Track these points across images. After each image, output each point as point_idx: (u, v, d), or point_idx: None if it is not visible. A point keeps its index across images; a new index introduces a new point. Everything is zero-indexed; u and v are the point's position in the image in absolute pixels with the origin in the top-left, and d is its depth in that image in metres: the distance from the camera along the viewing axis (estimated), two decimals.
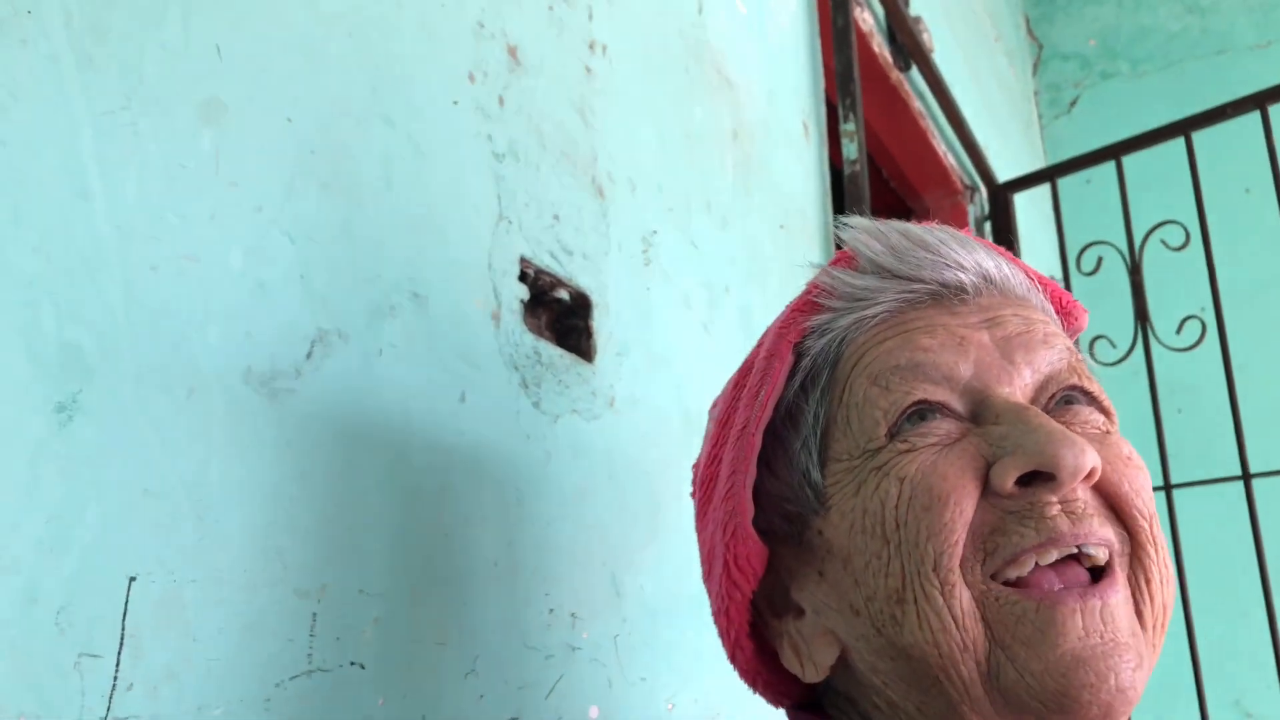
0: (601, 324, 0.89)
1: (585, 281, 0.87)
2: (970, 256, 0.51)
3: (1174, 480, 1.83)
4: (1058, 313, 0.55)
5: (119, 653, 0.48)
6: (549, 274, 0.84)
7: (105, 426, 0.50)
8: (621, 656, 0.83)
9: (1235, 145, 1.99)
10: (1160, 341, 1.86)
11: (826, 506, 0.49)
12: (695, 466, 0.60)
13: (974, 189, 2.14)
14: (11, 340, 0.47)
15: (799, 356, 0.52)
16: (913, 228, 0.53)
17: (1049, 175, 1.97)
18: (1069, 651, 0.43)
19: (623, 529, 0.87)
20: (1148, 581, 0.46)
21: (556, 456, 0.81)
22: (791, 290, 1.25)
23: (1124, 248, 1.89)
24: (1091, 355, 1.94)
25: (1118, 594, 0.44)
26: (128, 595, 0.49)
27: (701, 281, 1.06)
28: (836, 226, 0.54)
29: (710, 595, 0.56)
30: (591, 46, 0.93)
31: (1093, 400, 0.50)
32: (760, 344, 0.57)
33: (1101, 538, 0.45)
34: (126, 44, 0.53)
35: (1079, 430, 0.48)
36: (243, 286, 0.57)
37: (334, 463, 0.61)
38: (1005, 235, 2.01)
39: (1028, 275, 0.54)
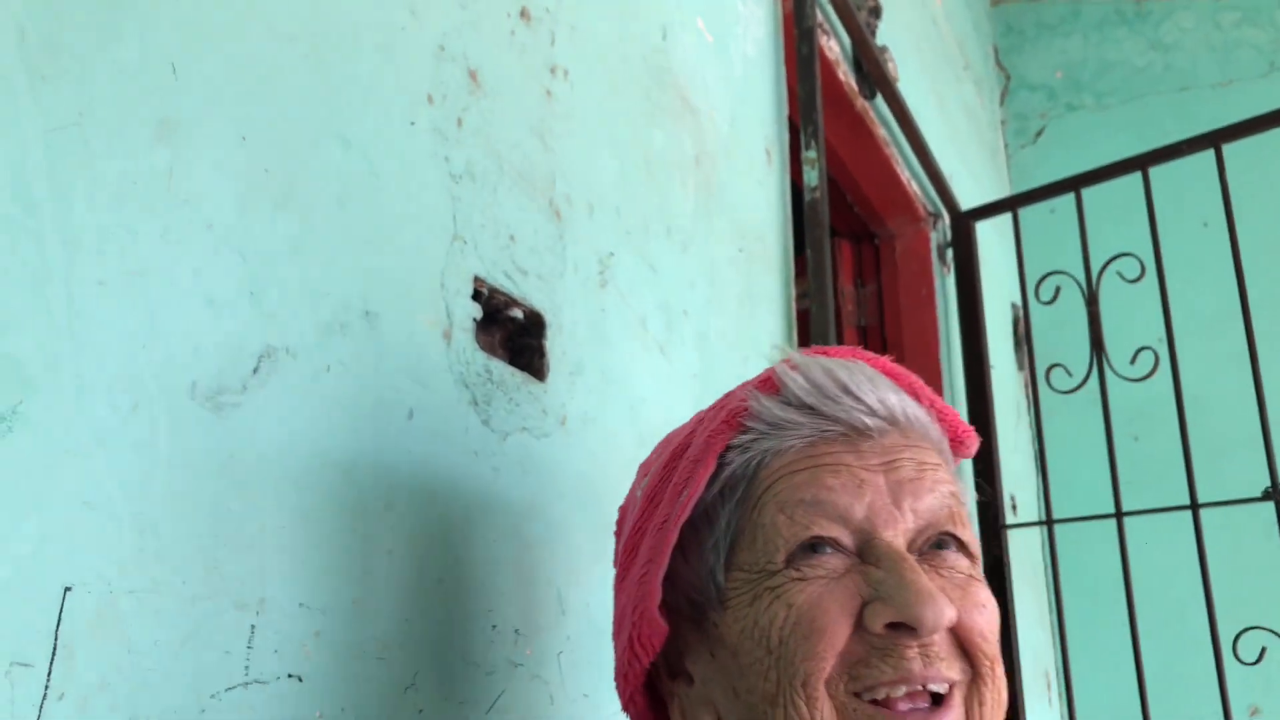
0: (555, 343, 0.90)
1: (539, 301, 0.89)
2: (882, 401, 0.59)
3: (1125, 507, 1.87)
4: (952, 441, 0.64)
5: (50, 662, 0.49)
6: (503, 293, 0.85)
7: (46, 438, 0.50)
8: (565, 673, 0.84)
9: (1193, 180, 2.04)
10: (1115, 371, 1.90)
11: (725, 606, 0.58)
12: (617, 534, 0.68)
13: (937, 216, 2.17)
14: None
15: (720, 466, 0.60)
16: (836, 366, 0.60)
17: (1010, 205, 2.01)
18: None
19: (570, 547, 0.88)
20: (981, 705, 0.55)
21: (504, 473, 0.82)
22: (751, 315, 1.27)
23: (1081, 278, 1.93)
24: (1048, 383, 1.98)
25: (952, 716, 0.54)
26: (62, 605, 0.50)
27: (659, 304, 1.08)
28: (769, 355, 0.61)
29: (615, 654, 0.64)
30: (553, 70, 0.94)
31: (962, 546, 0.58)
32: (692, 434, 0.64)
33: (945, 677, 0.54)
34: (80, 61, 0.54)
35: (945, 575, 0.56)
36: (191, 302, 0.58)
37: (278, 477, 0.62)
38: (966, 262, 2.04)
39: (928, 408, 0.62)
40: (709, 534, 0.60)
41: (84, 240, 0.53)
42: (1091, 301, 1.93)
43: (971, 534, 0.59)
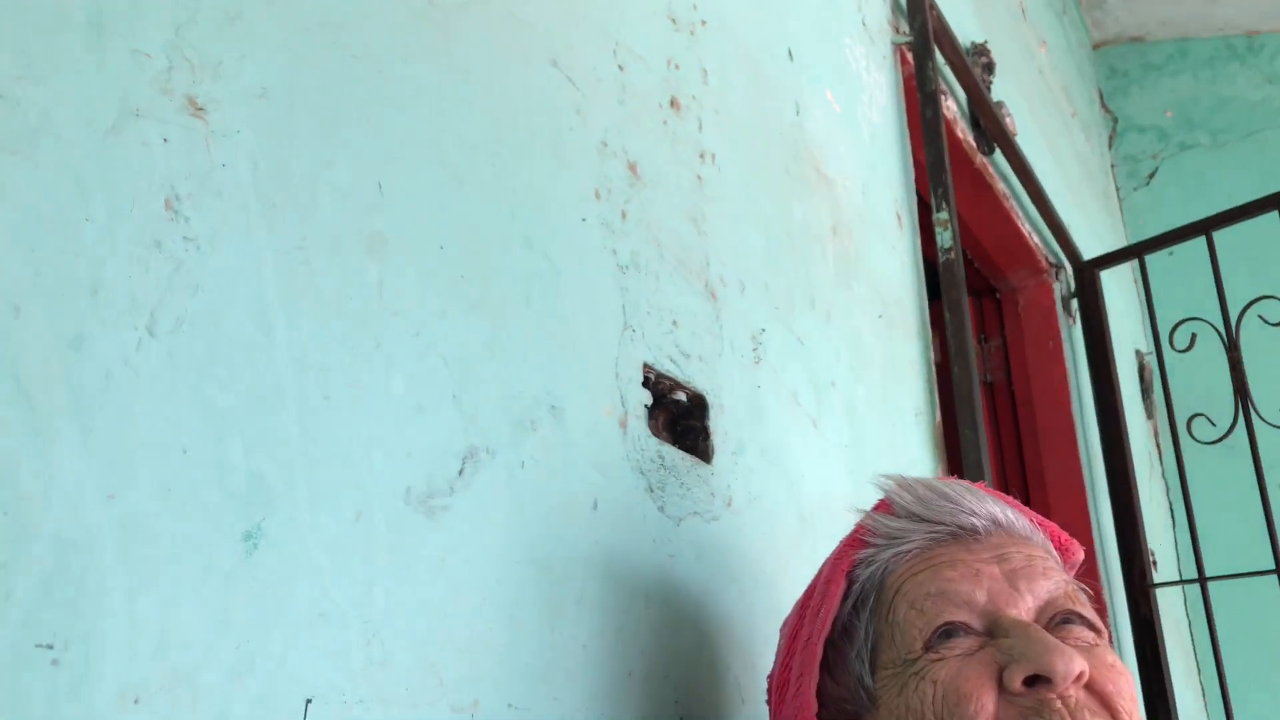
0: (717, 424, 0.90)
1: (701, 383, 0.89)
2: (982, 505, 0.65)
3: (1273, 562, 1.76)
4: (1056, 549, 0.68)
5: None
6: (669, 378, 0.85)
7: (285, 552, 0.52)
8: None
9: None
10: (1263, 418, 1.81)
11: (876, 705, 0.61)
12: (770, 676, 0.72)
13: (1059, 267, 2.12)
14: (206, 472, 0.49)
15: (850, 582, 0.65)
16: (936, 482, 0.67)
17: (1137, 252, 1.95)
18: None
19: (744, 631, 0.87)
20: None
21: (680, 559, 0.82)
22: (893, 381, 1.25)
23: (1219, 323, 1.85)
24: (1189, 433, 1.89)
25: None
26: (304, 718, 0.51)
27: (808, 377, 1.07)
28: (876, 483, 0.69)
29: None
30: (702, 156, 0.96)
31: (1084, 620, 0.61)
32: (820, 572, 0.69)
33: None
34: (303, 187, 0.57)
35: (1072, 644, 0.59)
36: (403, 409, 0.60)
37: (484, 577, 0.63)
38: (1093, 312, 1.99)
39: (1029, 519, 0.67)
40: (850, 648, 0.64)
41: (310, 357, 0.56)
42: (1233, 348, 1.85)
43: (1093, 613, 0.62)
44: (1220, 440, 1.86)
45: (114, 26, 0.48)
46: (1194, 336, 1.88)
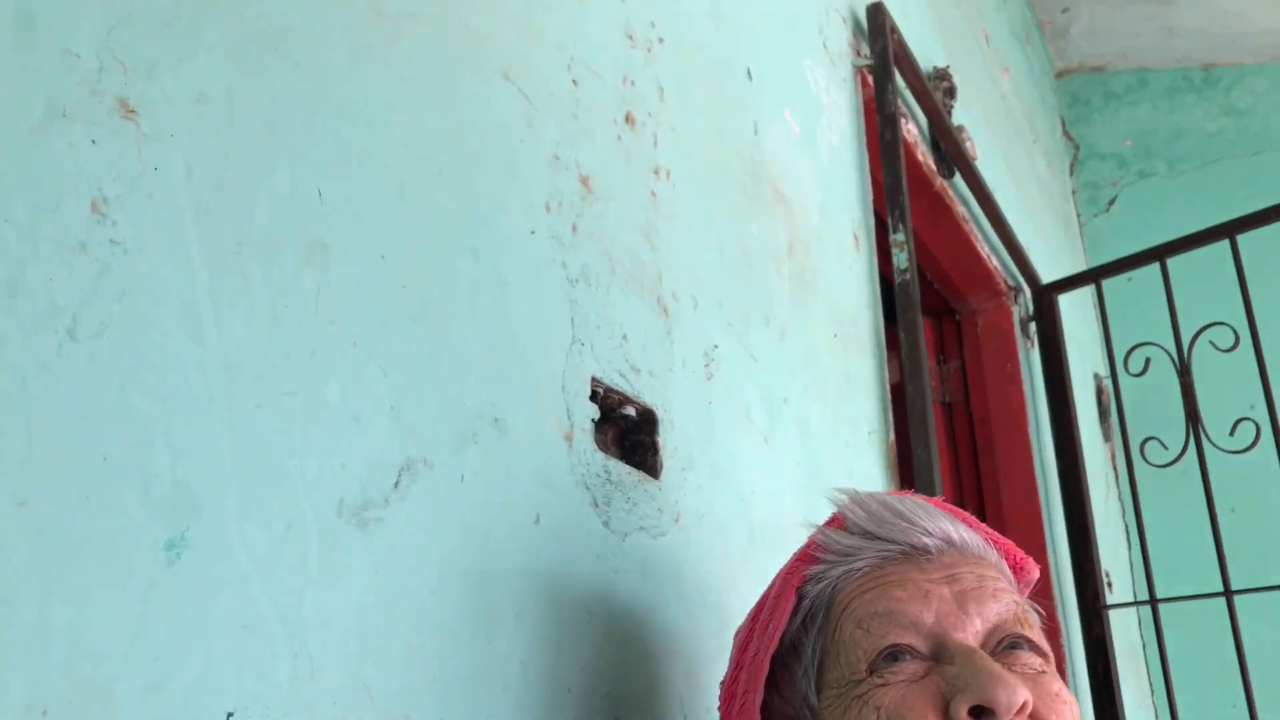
0: (667, 439, 0.90)
1: (651, 398, 0.89)
2: (935, 524, 0.64)
3: (1234, 586, 1.78)
4: (1011, 567, 0.68)
5: None
6: (617, 392, 0.85)
7: (210, 563, 0.51)
8: None
9: (1278, 243, 1.99)
10: (1213, 443, 1.84)
11: None
12: (722, 684, 0.71)
13: (1018, 290, 2.15)
14: (128, 480, 0.48)
15: (800, 598, 0.65)
16: (890, 499, 0.66)
17: (1094, 276, 1.98)
18: None
19: (689, 648, 0.86)
20: None
21: (625, 575, 0.81)
22: (848, 399, 1.26)
23: (1172, 349, 1.88)
24: (1143, 456, 1.92)
25: None
26: None
27: (761, 394, 1.07)
28: (829, 497, 0.68)
29: None
30: (656, 171, 0.96)
31: (1032, 645, 0.61)
32: (771, 585, 0.69)
33: None
34: (240, 193, 0.56)
35: (1019, 670, 0.59)
36: (339, 420, 0.59)
37: (419, 591, 0.62)
38: (1051, 336, 2.01)
39: (984, 536, 0.67)
40: (798, 665, 0.64)
41: (242, 365, 0.55)
42: (1184, 372, 1.88)
43: (1041, 637, 0.62)
44: (1172, 464, 1.89)
45: (43, 25, 0.47)
46: (1148, 361, 1.91)
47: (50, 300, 0.46)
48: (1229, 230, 1.85)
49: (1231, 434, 1.82)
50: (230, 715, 0.51)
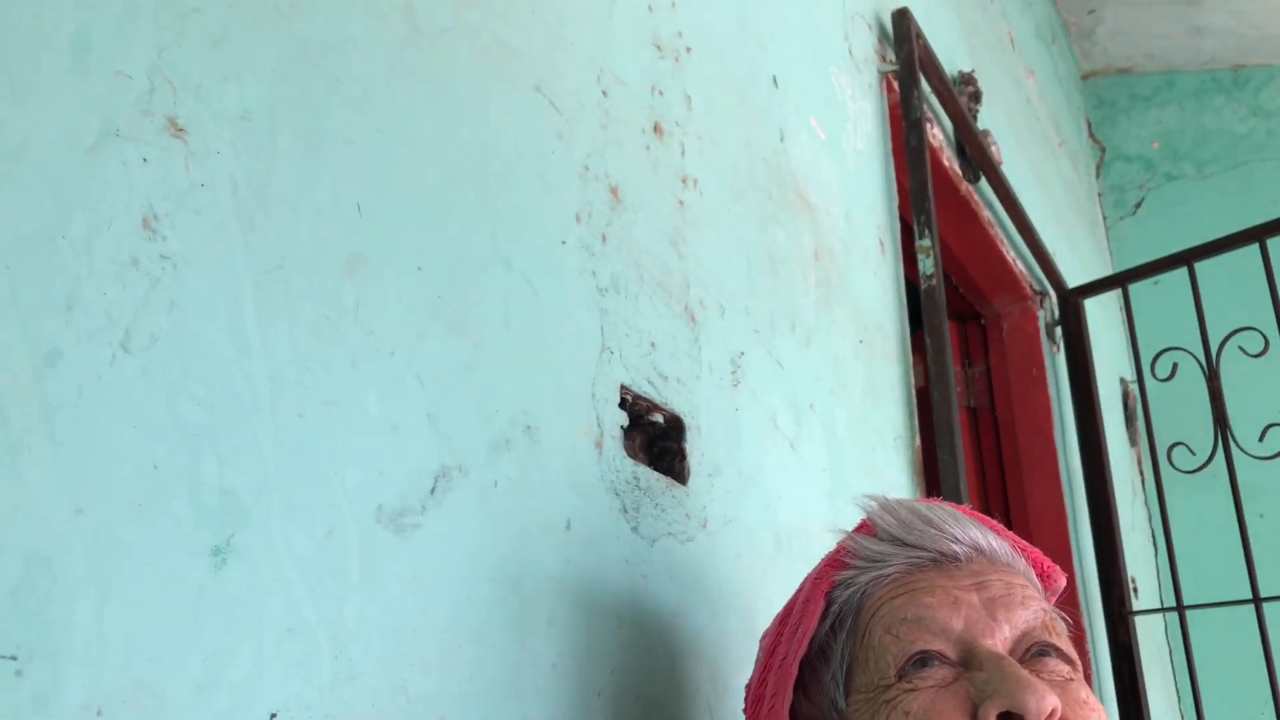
0: (694, 445, 0.91)
1: (679, 405, 0.90)
2: (964, 531, 0.64)
3: (1262, 594, 1.77)
4: (1038, 575, 0.68)
5: None
6: (645, 399, 0.86)
7: (255, 567, 0.52)
8: None
9: None
10: (1241, 449, 1.83)
11: None
12: (748, 686, 0.72)
13: (1044, 294, 2.14)
14: (177, 487, 0.50)
15: (829, 603, 0.66)
16: (920, 506, 0.66)
17: (1120, 281, 1.97)
18: None
19: (716, 653, 0.87)
20: None
21: (653, 580, 0.82)
22: (873, 405, 1.27)
23: (1199, 353, 1.87)
24: (1170, 462, 1.91)
25: None
26: None
27: (787, 400, 1.08)
28: (858, 503, 0.68)
29: None
30: (684, 181, 0.97)
31: (1060, 653, 0.61)
32: (800, 589, 0.70)
33: None
34: (282, 207, 0.58)
35: (1046, 677, 0.59)
36: (377, 428, 0.61)
37: (455, 595, 0.63)
38: (1077, 340, 2.00)
39: (1012, 545, 0.67)
40: (826, 669, 0.65)
41: (286, 375, 0.56)
42: (1213, 378, 1.87)
43: (1069, 645, 0.62)
44: (1199, 469, 1.88)
45: (98, 48, 0.49)
46: (1175, 366, 1.89)
47: (105, 314, 0.47)
48: (1259, 234, 1.84)
49: (1261, 440, 1.80)
50: (274, 716, 0.52)
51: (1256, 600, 1.75)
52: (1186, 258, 1.89)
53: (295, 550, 0.55)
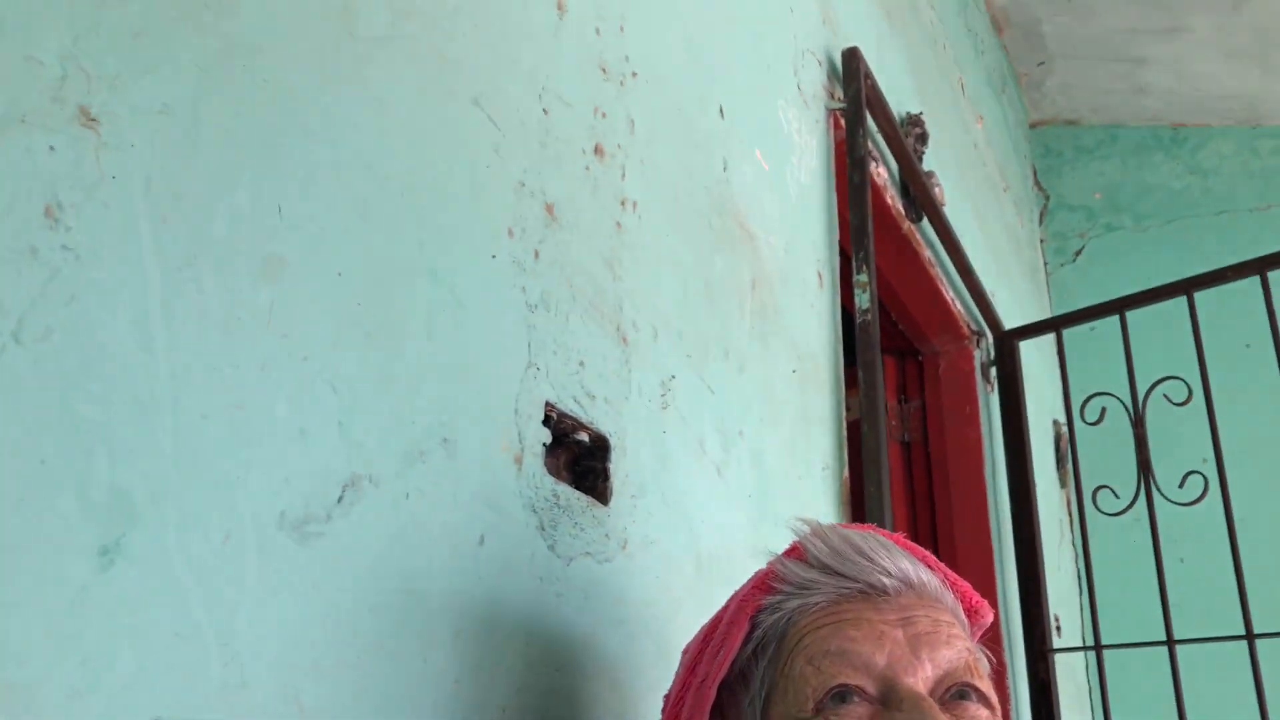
0: (618, 466, 0.91)
1: (605, 425, 0.90)
2: (895, 564, 0.64)
3: (1176, 635, 1.81)
4: (966, 610, 0.69)
5: None
6: (571, 417, 0.86)
7: (145, 570, 0.51)
8: None
9: (1235, 301, 2.04)
10: (1163, 494, 1.87)
11: None
12: (666, 697, 0.71)
13: (981, 334, 2.18)
14: (64, 484, 0.49)
15: (753, 627, 0.65)
16: (852, 534, 0.66)
17: (1055, 325, 2.02)
18: None
19: (629, 675, 0.87)
20: None
21: (568, 599, 0.82)
22: (804, 434, 1.27)
23: (1127, 399, 1.92)
24: (1095, 505, 1.95)
25: None
26: None
27: (716, 425, 1.08)
28: (791, 526, 0.68)
29: None
30: (623, 203, 0.97)
31: (980, 695, 0.61)
32: (726, 607, 0.69)
33: None
34: (199, 205, 0.57)
35: None
36: (285, 433, 0.60)
37: (357, 606, 0.62)
38: (1011, 381, 2.04)
39: (942, 578, 0.67)
40: (745, 694, 0.64)
41: (191, 375, 0.55)
42: (1138, 424, 1.92)
43: (990, 687, 0.63)
44: (1122, 513, 1.92)
45: (8, 31, 0.48)
46: (1104, 410, 1.94)
47: None
48: (1187, 287, 1.90)
49: (1181, 486, 1.85)
50: None
51: (1170, 642, 1.79)
52: (1119, 306, 1.95)
53: (189, 554, 0.54)
